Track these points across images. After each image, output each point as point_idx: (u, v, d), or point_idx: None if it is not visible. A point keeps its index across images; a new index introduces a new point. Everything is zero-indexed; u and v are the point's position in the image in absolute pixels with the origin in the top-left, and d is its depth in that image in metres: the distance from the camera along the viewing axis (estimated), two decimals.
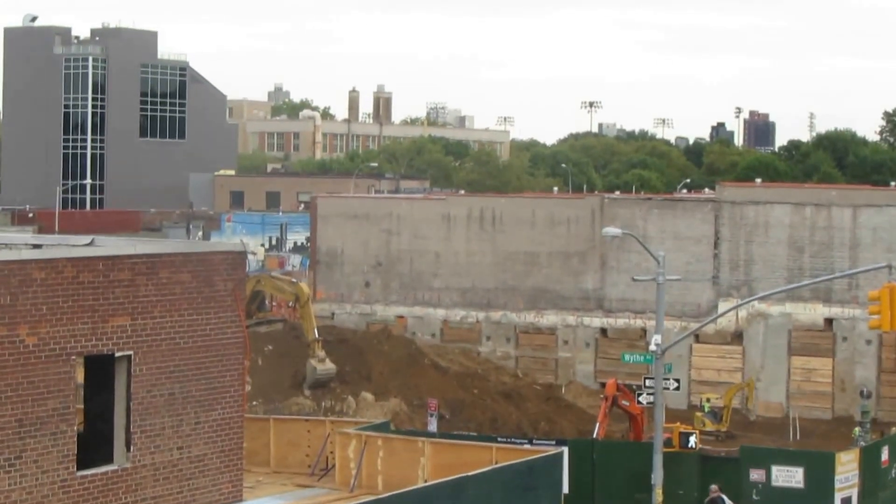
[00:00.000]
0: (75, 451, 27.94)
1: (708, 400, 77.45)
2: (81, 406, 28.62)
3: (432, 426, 66.29)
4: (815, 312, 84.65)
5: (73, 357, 27.89)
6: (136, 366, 29.17)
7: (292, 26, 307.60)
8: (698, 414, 75.43)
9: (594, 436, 66.16)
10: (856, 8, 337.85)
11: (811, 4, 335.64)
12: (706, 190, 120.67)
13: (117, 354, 28.84)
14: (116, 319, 28.82)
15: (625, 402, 66.51)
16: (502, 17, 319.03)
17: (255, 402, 55.47)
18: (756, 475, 48.16)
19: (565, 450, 38.70)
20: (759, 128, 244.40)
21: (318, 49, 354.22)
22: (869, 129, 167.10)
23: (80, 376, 28.46)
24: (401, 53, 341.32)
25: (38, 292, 27.31)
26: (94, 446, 28.57)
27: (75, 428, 28.09)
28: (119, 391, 29.10)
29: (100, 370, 28.75)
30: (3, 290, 26.60)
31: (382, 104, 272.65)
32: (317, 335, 77.10)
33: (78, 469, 28.01)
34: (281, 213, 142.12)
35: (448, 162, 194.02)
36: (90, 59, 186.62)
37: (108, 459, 28.92)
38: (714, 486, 47.79)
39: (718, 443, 64.74)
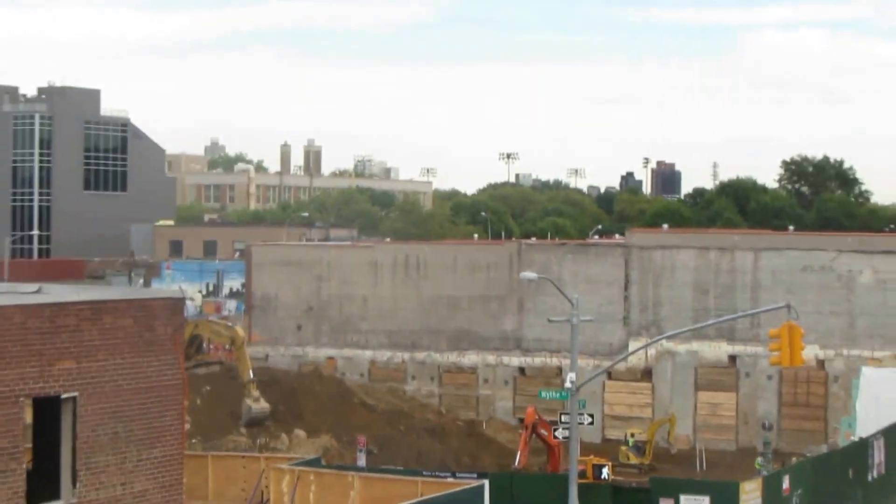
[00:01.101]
0: (25, 488, 27.89)
1: (632, 435, 77.64)
2: (30, 445, 28.55)
3: (361, 461, 66.28)
4: (719, 350, 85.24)
5: (22, 399, 27.87)
6: (81, 406, 29.15)
7: (230, 83, 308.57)
8: (623, 448, 75.69)
9: (516, 463, 66.40)
10: (755, 63, 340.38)
11: (717, 60, 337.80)
12: (616, 236, 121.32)
13: (63, 396, 28.83)
14: (62, 363, 28.81)
15: (543, 432, 66.78)
16: (424, 72, 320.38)
17: (194, 440, 55.43)
18: None
19: (486, 482, 38.78)
20: (666, 177, 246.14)
21: (251, 104, 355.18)
22: (769, 177, 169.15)
23: (28, 416, 28.43)
24: (329, 108, 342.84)
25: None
26: (42, 483, 28.53)
27: (24, 466, 28.04)
28: (65, 431, 29.06)
29: (47, 411, 28.73)
30: None
31: (313, 157, 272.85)
32: (252, 376, 77.08)
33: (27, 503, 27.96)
34: (217, 261, 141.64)
35: (375, 211, 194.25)
36: (37, 116, 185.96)
37: (56, 496, 28.87)
38: None
39: (642, 475, 64.84)
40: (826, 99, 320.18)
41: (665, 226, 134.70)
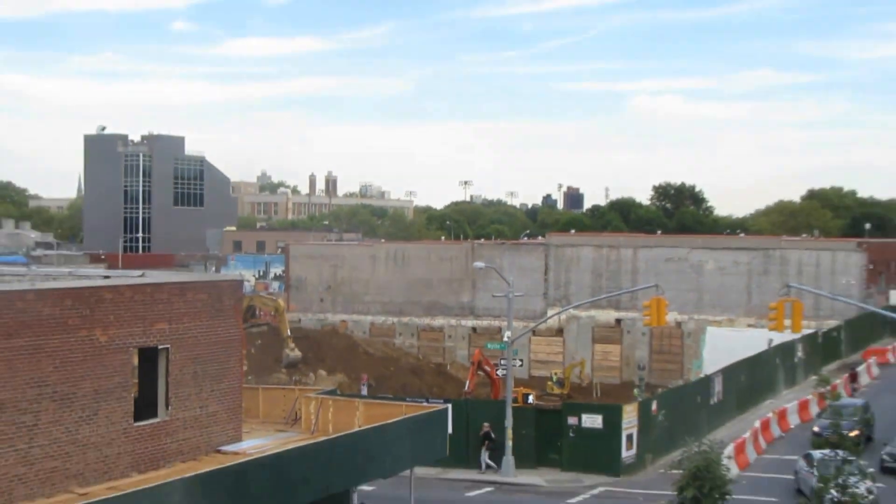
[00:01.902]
0: (132, 410, 28.00)
1: (556, 373, 77.46)
2: (136, 380, 28.65)
3: (364, 391, 66.51)
4: (608, 315, 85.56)
5: (131, 349, 27.98)
6: (171, 354, 29.27)
7: (274, 132, 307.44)
8: (549, 382, 75.48)
9: (466, 388, 66.41)
10: (636, 118, 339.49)
11: (609, 116, 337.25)
12: (539, 238, 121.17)
13: (160, 347, 28.95)
14: (159, 324, 28.92)
15: (486, 368, 66.86)
16: (407, 125, 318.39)
17: (249, 377, 55.49)
18: (572, 421, 48.04)
19: (449, 406, 38.95)
20: (573, 197, 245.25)
21: (288, 147, 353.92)
22: (644, 197, 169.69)
23: (135, 361, 28.52)
24: (341, 151, 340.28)
25: (108, 307, 27.40)
26: (144, 407, 28.63)
27: (132, 394, 28.16)
28: (161, 371, 29.18)
29: (148, 357, 28.83)
30: (84, 306, 26.67)
31: (331, 183, 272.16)
32: (289, 333, 77.10)
33: (135, 421, 28.06)
34: (265, 255, 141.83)
35: (373, 221, 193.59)
36: (140, 155, 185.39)
37: (154, 415, 28.98)
38: (486, 424, 48.02)
39: (560, 401, 64.36)
40: (683, 142, 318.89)
41: (572, 231, 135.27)
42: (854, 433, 38.58)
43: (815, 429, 47.86)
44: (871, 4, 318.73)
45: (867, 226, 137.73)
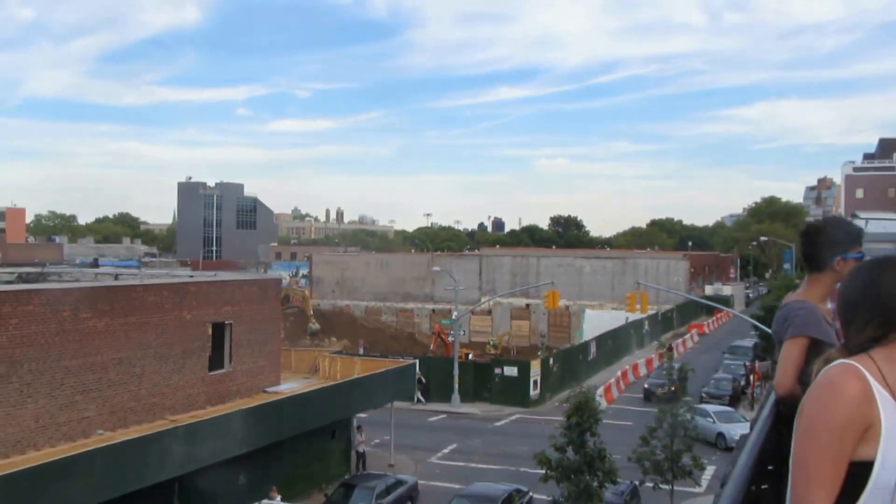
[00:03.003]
0: (208, 363, 27.90)
1: (492, 340, 76.88)
2: (210, 344, 28.56)
3: (361, 352, 66.41)
4: (521, 302, 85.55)
5: (207, 323, 27.88)
6: (234, 328, 29.19)
7: (299, 180, 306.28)
8: (488, 345, 74.83)
9: (430, 349, 66.35)
10: (539, 175, 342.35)
11: (521, 171, 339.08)
12: (476, 251, 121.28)
13: (226, 322, 28.85)
14: (225, 308, 28.84)
15: (442, 336, 66.91)
16: (390, 177, 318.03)
17: (285, 342, 55.11)
18: (497, 371, 48.23)
19: (417, 361, 39.05)
20: (498, 224, 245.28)
21: (311, 190, 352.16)
22: (545, 224, 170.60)
23: (209, 331, 28.41)
24: (348, 193, 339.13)
25: (192, 295, 27.32)
26: (216, 361, 28.53)
27: (208, 353, 28.04)
28: (227, 338, 29.09)
29: (218, 329, 28.74)
30: (175, 295, 26.56)
31: (339, 214, 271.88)
32: (312, 313, 76.65)
33: (209, 371, 27.96)
34: (297, 262, 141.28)
35: (367, 239, 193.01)
36: (214, 195, 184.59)
37: (222, 367, 28.89)
38: (418, 373, 48.40)
39: (493, 358, 63.98)
40: (569, 189, 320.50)
41: (497, 246, 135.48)
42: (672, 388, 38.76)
43: (646, 386, 47.43)
44: (691, 98, 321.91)
45: (690, 243, 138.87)
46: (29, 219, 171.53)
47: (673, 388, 28.06)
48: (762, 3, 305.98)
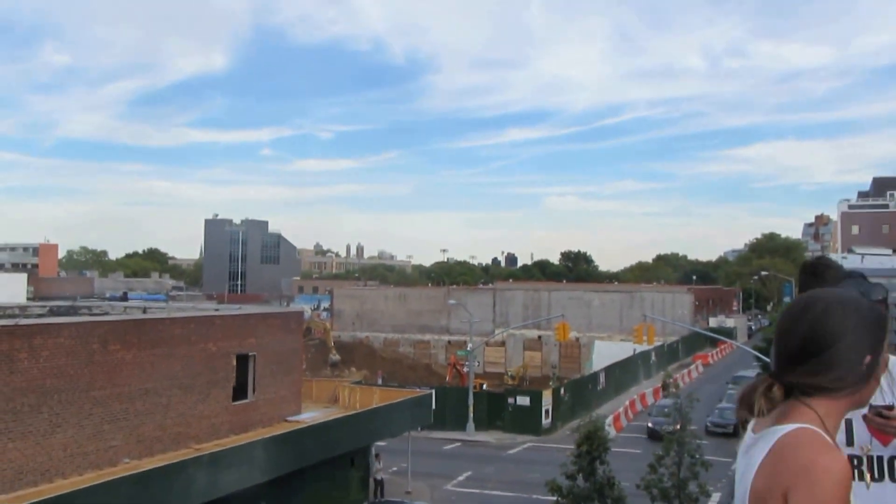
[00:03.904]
0: (232, 393, 27.62)
1: (509, 371, 76.16)
2: (234, 375, 28.29)
3: (379, 382, 65.89)
4: (533, 333, 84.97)
5: (231, 355, 27.64)
6: (257, 359, 28.93)
7: (319, 220, 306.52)
8: (505, 376, 74.12)
9: (447, 380, 65.80)
10: (549, 210, 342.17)
11: (533, 208, 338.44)
12: (490, 285, 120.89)
13: (250, 354, 28.60)
14: (249, 340, 28.60)
15: (457, 367, 66.43)
16: (407, 215, 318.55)
17: (306, 373, 54.90)
18: (510, 400, 47.80)
19: (433, 391, 38.69)
20: (511, 259, 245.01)
21: (332, 228, 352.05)
22: (556, 260, 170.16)
23: (234, 363, 28.16)
24: (368, 229, 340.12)
25: (217, 327, 27.11)
26: (239, 391, 28.26)
27: (232, 384, 27.77)
28: (250, 369, 28.82)
29: (242, 360, 28.50)
30: (201, 327, 26.37)
31: (360, 250, 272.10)
32: (332, 344, 76.41)
33: (233, 401, 27.67)
34: (319, 295, 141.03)
35: (386, 274, 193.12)
36: (240, 232, 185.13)
37: (245, 397, 28.59)
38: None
39: (509, 387, 63.15)
40: (579, 225, 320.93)
41: (510, 280, 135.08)
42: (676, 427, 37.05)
43: (650, 425, 44.13)
44: (694, 139, 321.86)
45: (694, 277, 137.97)
46: (61, 254, 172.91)
47: (678, 427, 27.45)
48: (759, 49, 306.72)
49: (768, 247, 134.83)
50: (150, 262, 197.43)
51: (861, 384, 2.01)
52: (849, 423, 3.02)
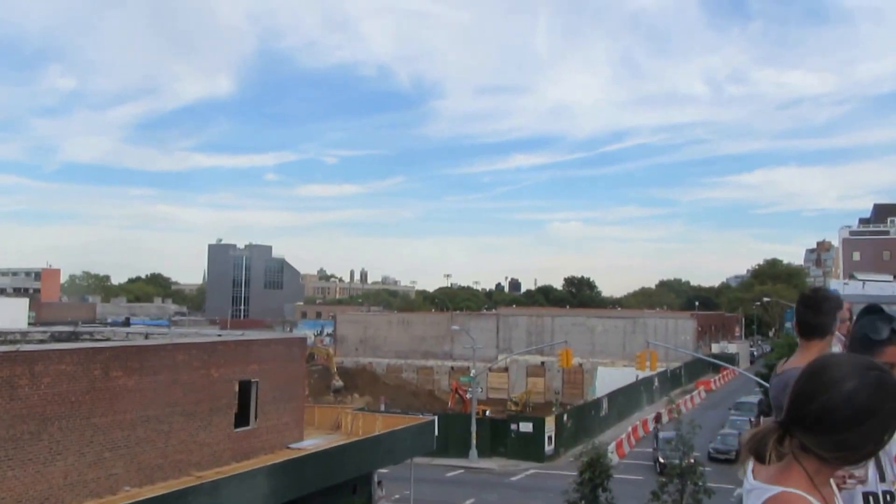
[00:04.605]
0: (234, 420, 27.40)
1: (513, 397, 75.85)
2: (236, 401, 28.07)
3: (382, 408, 65.43)
4: (536, 359, 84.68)
5: (234, 381, 27.45)
6: (260, 386, 28.72)
7: (324, 246, 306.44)
8: (509, 402, 73.72)
9: (449, 406, 65.42)
10: (552, 236, 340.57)
11: (536, 232, 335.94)
12: (493, 310, 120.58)
13: (252, 380, 28.40)
14: (252, 366, 28.43)
15: (460, 393, 66.07)
16: (411, 240, 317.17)
17: (309, 399, 54.51)
18: (513, 427, 47.50)
19: (436, 418, 38.40)
20: (514, 284, 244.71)
21: (335, 253, 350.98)
22: (559, 285, 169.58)
23: (236, 388, 27.97)
24: (371, 255, 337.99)
25: (220, 353, 26.95)
26: (241, 418, 28.02)
27: (234, 410, 27.55)
28: (252, 395, 28.60)
29: (245, 387, 28.31)
30: (204, 353, 26.21)
31: (363, 275, 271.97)
32: (335, 370, 76.00)
33: (235, 427, 27.43)
34: (322, 321, 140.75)
35: (389, 299, 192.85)
36: (243, 257, 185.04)
37: (248, 423, 28.35)
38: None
39: (512, 413, 62.77)
40: (582, 251, 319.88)
41: (514, 306, 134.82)
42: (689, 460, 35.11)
43: (661, 460, 37.76)
44: (696, 165, 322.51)
45: (696, 303, 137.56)
46: (63, 279, 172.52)
47: (691, 462, 27.08)
48: (761, 77, 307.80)
49: (770, 273, 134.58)
50: (153, 286, 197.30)
51: (864, 461, 1.97)
52: (879, 460, 2.98)
